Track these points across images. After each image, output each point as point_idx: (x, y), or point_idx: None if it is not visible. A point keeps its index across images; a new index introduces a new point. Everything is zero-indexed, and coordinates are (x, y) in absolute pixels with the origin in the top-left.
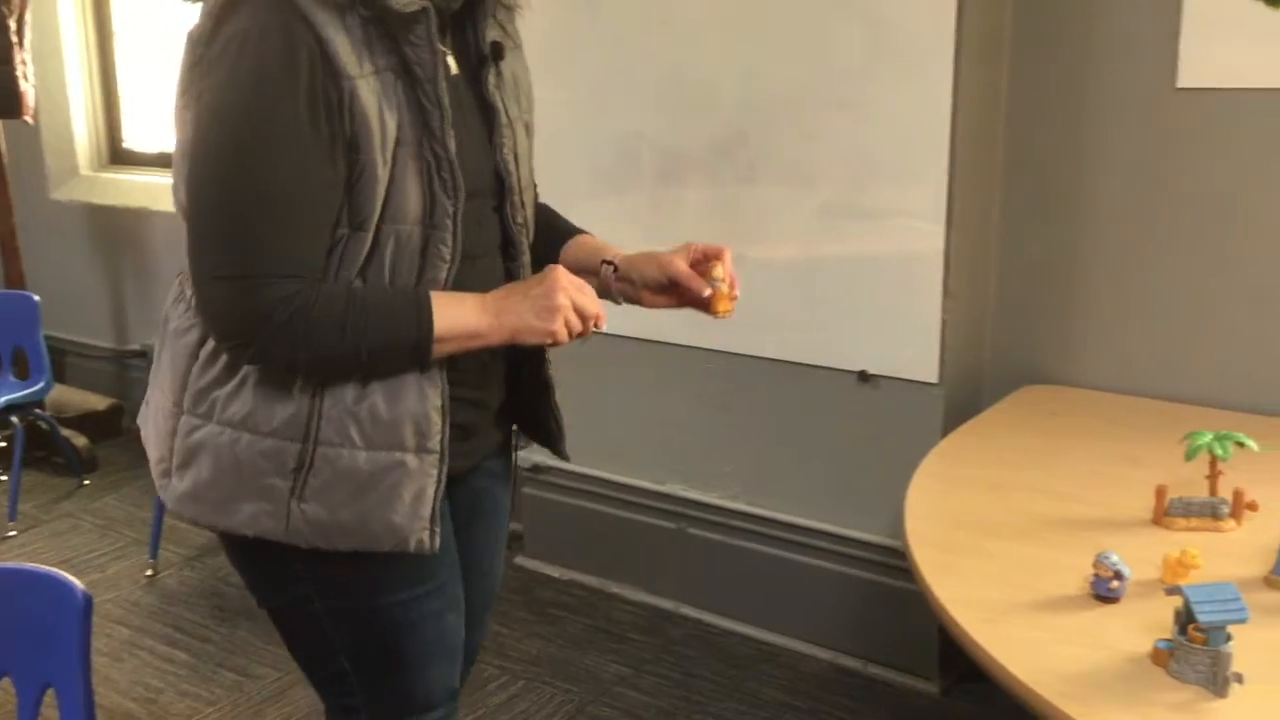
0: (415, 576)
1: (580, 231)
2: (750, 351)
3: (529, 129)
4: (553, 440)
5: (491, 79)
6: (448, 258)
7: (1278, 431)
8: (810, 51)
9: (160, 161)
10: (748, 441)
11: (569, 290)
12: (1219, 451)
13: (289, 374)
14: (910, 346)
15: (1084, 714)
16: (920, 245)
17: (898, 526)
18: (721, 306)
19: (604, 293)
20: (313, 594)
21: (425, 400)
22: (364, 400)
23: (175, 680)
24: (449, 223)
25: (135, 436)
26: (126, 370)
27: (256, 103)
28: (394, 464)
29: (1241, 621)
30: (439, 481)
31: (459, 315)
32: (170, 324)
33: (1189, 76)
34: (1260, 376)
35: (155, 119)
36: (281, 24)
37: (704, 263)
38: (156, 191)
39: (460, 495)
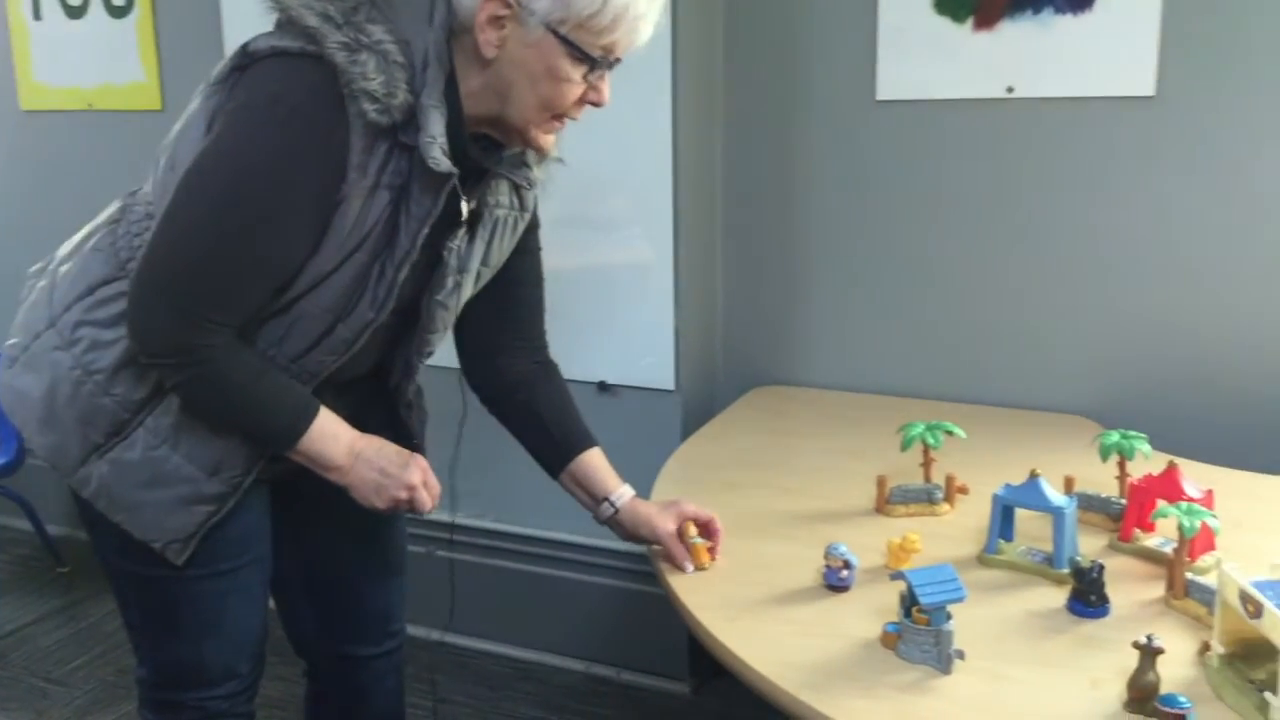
0: (202, 558)
1: (587, 442)
2: None
3: (479, 280)
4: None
5: (457, 237)
6: (339, 353)
7: (982, 418)
8: None
9: None
10: (491, 459)
11: (414, 486)
12: (931, 441)
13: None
14: (647, 355)
15: (822, 702)
16: (650, 255)
17: None
18: (702, 560)
19: (593, 516)
20: (108, 545)
21: (252, 446)
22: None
23: None
24: (359, 328)
25: None
26: None
27: (276, 169)
28: (191, 478)
29: (960, 600)
30: (216, 514)
31: (326, 446)
32: (91, 241)
33: (886, 90)
34: (964, 368)
35: None
36: (325, 107)
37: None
38: None
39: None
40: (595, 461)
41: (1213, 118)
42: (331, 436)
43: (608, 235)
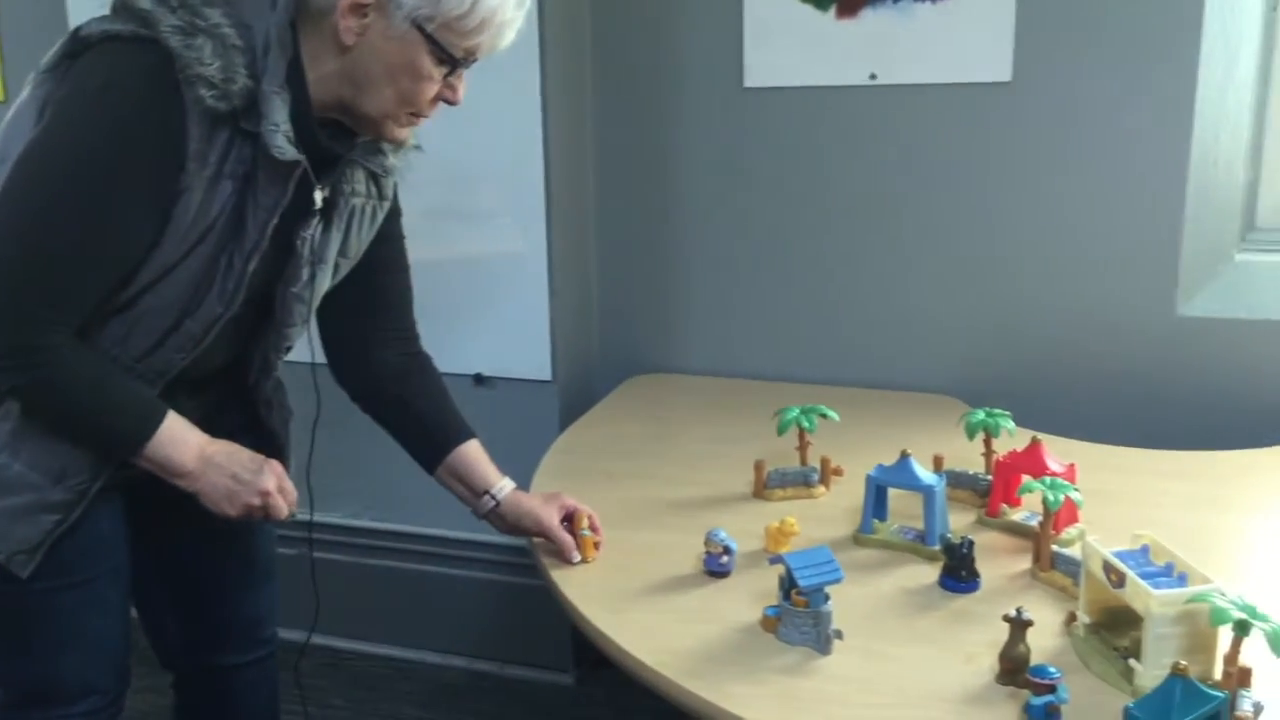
0: (51, 569)
1: (464, 435)
2: None
3: (338, 272)
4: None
5: (310, 226)
6: (187, 349)
7: (855, 400)
8: None
9: None
10: (367, 456)
11: (269, 492)
12: (806, 424)
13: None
14: (523, 346)
15: (705, 688)
16: (524, 245)
17: None
18: (589, 554)
19: (472, 511)
20: None
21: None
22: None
23: None
24: (208, 322)
25: None
26: None
27: (109, 159)
28: (34, 485)
29: (837, 582)
30: (63, 523)
31: (175, 451)
32: None
33: (753, 77)
34: (836, 350)
35: None
36: (159, 93)
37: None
38: None
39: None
40: (474, 454)
41: (1067, 102)
42: (180, 441)
43: (479, 226)
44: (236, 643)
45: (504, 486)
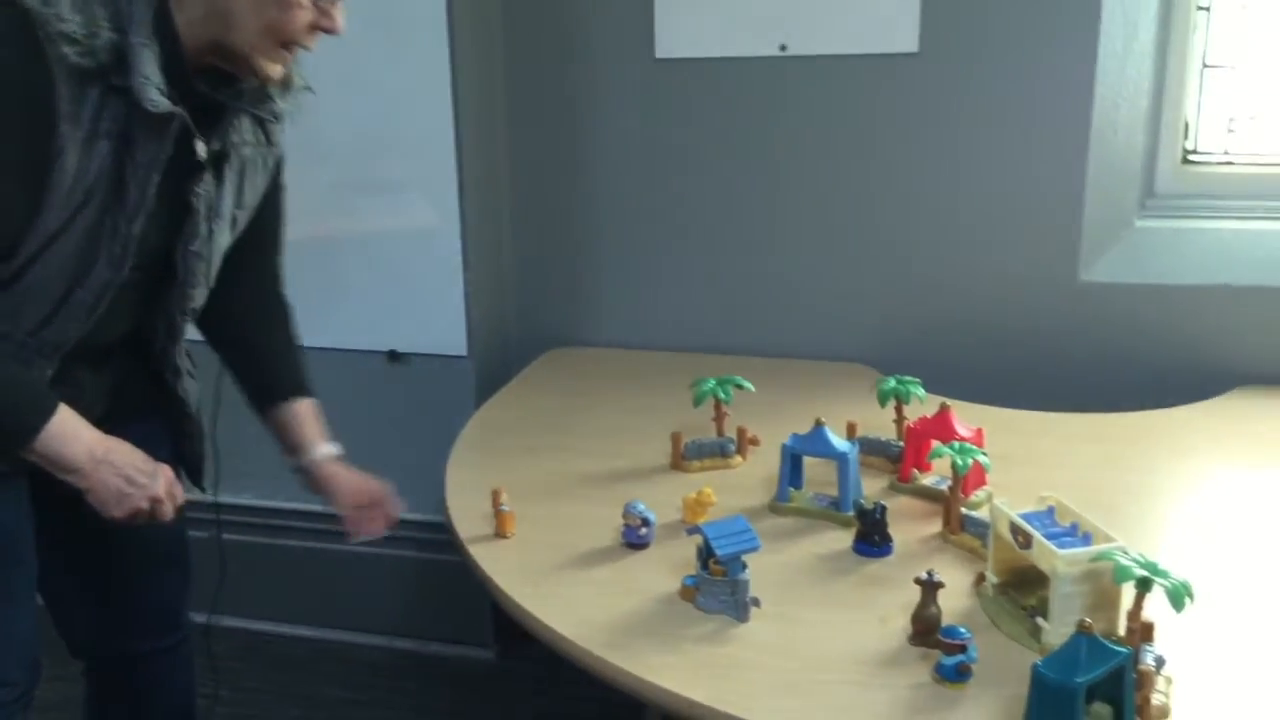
0: None
1: (300, 392)
2: None
3: (236, 225)
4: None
5: (204, 181)
6: (81, 319)
7: (770, 370)
8: None
9: None
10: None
11: (159, 499)
12: (722, 395)
13: None
14: (437, 321)
15: (625, 659)
16: (436, 218)
17: (442, 502)
18: (508, 530)
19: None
20: None
21: None
22: None
23: None
24: (99, 289)
25: None
26: None
27: None
28: None
29: (753, 550)
30: None
31: (65, 447)
32: None
33: (665, 48)
34: (751, 321)
35: None
36: (20, 54)
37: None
38: None
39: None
40: (303, 413)
41: (972, 73)
42: (72, 437)
43: (390, 200)
44: (147, 630)
45: (322, 454)
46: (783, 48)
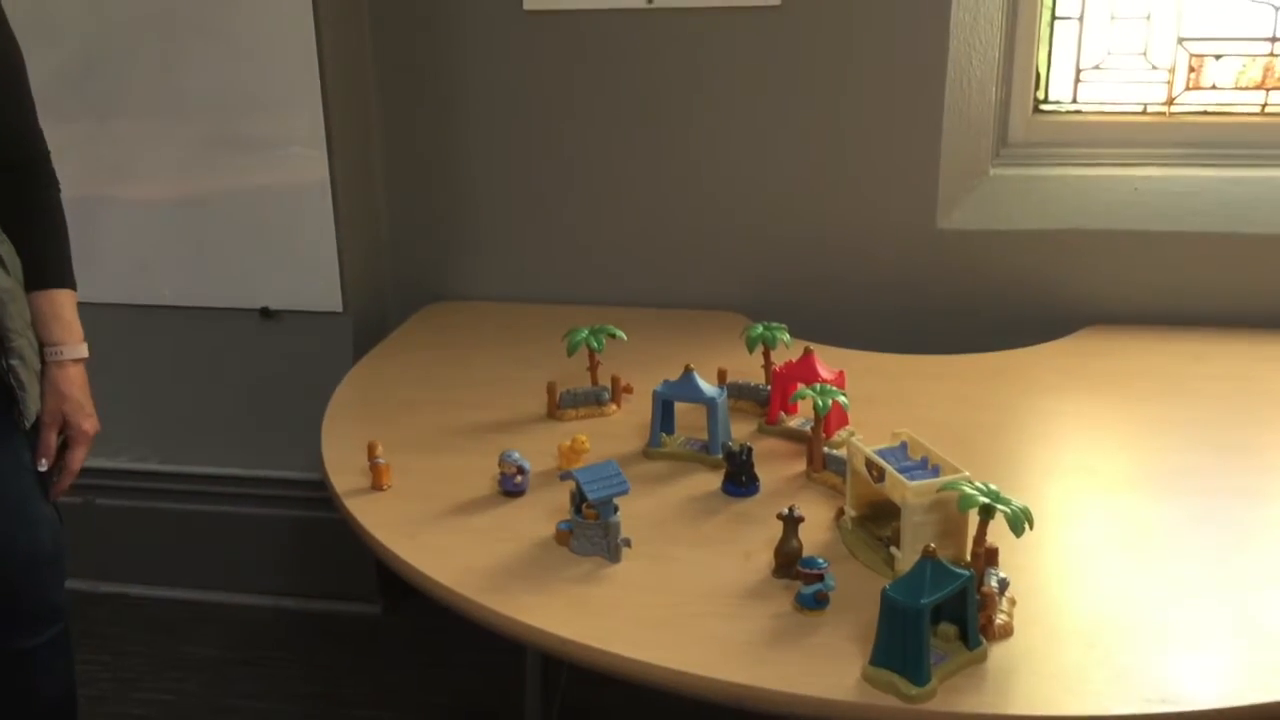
0: None
1: (54, 281)
2: (140, 301)
3: None
4: None
5: None
6: None
7: (642, 320)
8: None
9: None
10: (151, 398)
11: None
12: (594, 344)
13: None
14: (311, 277)
15: (502, 603)
16: (306, 174)
17: (319, 459)
18: (385, 481)
19: None
20: None
21: None
22: None
23: None
24: None
25: None
26: None
27: None
28: None
29: (624, 493)
30: None
31: None
32: None
33: (533, 0)
34: (623, 272)
35: None
36: None
37: None
38: None
39: None
40: (56, 304)
41: (833, 25)
42: None
43: (259, 155)
44: (27, 628)
45: (59, 350)
46: (650, 0)
